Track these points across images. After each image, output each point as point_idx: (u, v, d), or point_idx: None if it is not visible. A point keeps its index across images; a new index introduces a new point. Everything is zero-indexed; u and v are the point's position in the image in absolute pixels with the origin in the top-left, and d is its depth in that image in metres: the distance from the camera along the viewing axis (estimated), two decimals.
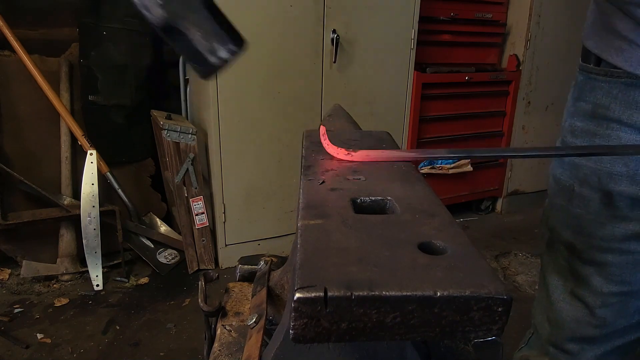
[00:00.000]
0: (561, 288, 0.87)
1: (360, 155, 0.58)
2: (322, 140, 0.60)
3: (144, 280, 2.32)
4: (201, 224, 2.34)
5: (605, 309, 0.81)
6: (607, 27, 0.71)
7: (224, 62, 0.50)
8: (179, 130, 2.20)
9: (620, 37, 0.68)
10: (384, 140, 0.72)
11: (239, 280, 0.84)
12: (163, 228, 2.55)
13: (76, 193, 2.26)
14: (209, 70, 0.49)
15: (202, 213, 2.33)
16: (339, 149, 0.58)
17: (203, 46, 0.47)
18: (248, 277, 0.83)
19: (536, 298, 0.97)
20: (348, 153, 0.58)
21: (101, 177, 2.24)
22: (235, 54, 0.49)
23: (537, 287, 0.98)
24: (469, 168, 2.98)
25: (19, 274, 2.22)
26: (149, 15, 0.44)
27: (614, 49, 0.70)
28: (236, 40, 0.49)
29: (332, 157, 0.60)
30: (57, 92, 2.21)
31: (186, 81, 2.65)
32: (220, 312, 0.74)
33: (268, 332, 0.62)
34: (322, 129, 0.61)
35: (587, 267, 0.81)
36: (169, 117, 2.27)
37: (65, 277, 2.26)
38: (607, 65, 0.72)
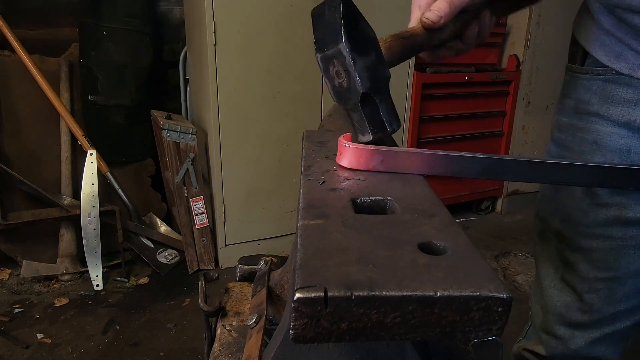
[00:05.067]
0: (552, 275, 0.90)
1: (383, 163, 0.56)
2: (342, 144, 0.56)
3: (144, 280, 2.32)
4: (201, 224, 2.34)
5: (593, 294, 0.84)
6: (593, 20, 0.75)
7: (390, 134, 0.60)
8: (179, 130, 2.20)
9: (604, 30, 0.73)
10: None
11: (239, 280, 0.84)
12: (163, 228, 2.55)
13: (76, 193, 2.26)
14: (381, 137, 0.59)
15: (202, 213, 2.33)
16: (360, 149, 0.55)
17: (386, 117, 0.58)
18: (248, 277, 0.83)
19: (533, 289, 1.00)
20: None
21: (101, 177, 2.24)
22: (395, 131, 0.60)
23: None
24: None
25: (19, 274, 2.22)
26: (359, 82, 0.55)
27: (598, 42, 0.74)
28: (398, 121, 0.60)
29: (334, 159, 0.59)
30: (57, 92, 2.21)
31: (186, 81, 2.65)
32: (220, 312, 0.74)
33: (268, 332, 0.62)
34: (344, 136, 0.57)
35: (575, 254, 0.84)
36: (169, 117, 2.27)
37: (65, 277, 2.26)
38: (590, 64, 0.77)
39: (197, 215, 2.32)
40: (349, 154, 0.56)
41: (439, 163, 0.56)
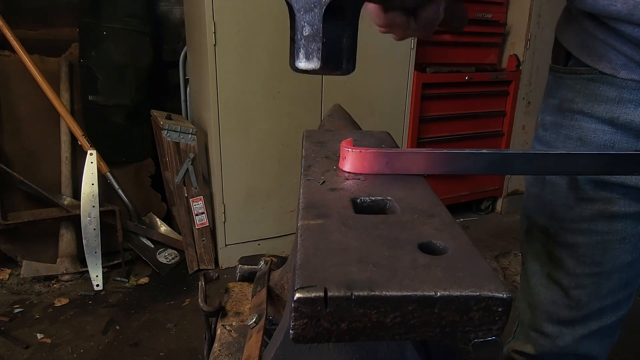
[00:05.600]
0: (539, 272, 0.91)
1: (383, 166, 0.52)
2: (344, 149, 0.53)
3: (144, 280, 2.32)
4: (201, 224, 2.34)
5: (579, 290, 0.85)
6: (576, 23, 0.77)
7: (341, 74, 0.49)
8: (179, 130, 2.20)
9: (586, 32, 0.74)
10: (384, 141, 0.73)
11: (239, 280, 0.84)
12: (163, 228, 2.55)
13: (76, 193, 2.26)
14: (328, 71, 0.47)
15: (202, 213, 2.33)
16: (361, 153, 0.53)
17: (345, 49, 0.46)
18: (248, 277, 0.83)
19: (519, 288, 1.00)
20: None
21: (101, 177, 2.24)
22: (348, 73, 0.49)
23: (519, 277, 1.01)
24: None
25: (19, 274, 2.22)
26: None
27: (580, 44, 0.76)
28: (354, 62, 0.49)
29: (334, 159, 0.59)
30: (57, 92, 2.21)
31: (186, 81, 2.65)
32: (220, 312, 0.74)
33: (268, 332, 0.62)
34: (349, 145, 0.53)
35: (561, 250, 0.85)
36: (169, 117, 2.27)
37: (65, 277, 2.26)
38: (574, 64, 0.78)
39: (197, 215, 2.32)
40: (353, 158, 0.54)
41: (445, 161, 0.55)
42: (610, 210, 0.78)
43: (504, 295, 0.31)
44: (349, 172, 0.55)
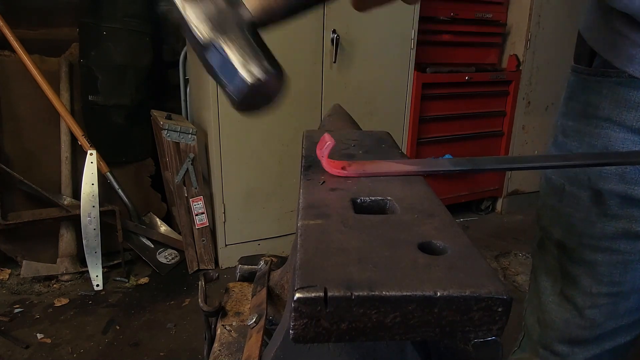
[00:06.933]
0: (550, 289, 0.86)
1: (355, 169, 0.53)
2: (319, 150, 0.54)
3: (144, 280, 2.32)
4: (201, 224, 2.34)
5: (594, 309, 0.80)
6: (604, 20, 0.71)
7: (258, 81, 0.46)
8: (179, 130, 2.20)
9: (615, 31, 0.69)
10: (384, 141, 0.73)
11: (239, 280, 0.84)
12: (163, 228, 2.55)
13: (76, 193, 2.26)
14: (240, 89, 0.45)
15: (202, 213, 2.33)
16: (335, 162, 0.54)
17: (236, 60, 0.45)
18: (248, 277, 0.83)
19: (527, 299, 0.96)
20: (343, 167, 0.53)
21: (101, 177, 2.24)
22: (270, 74, 0.46)
23: (528, 288, 0.97)
24: None
25: (19, 274, 2.22)
26: (196, 31, 0.44)
27: (608, 43, 0.70)
28: (272, 63, 0.47)
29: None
30: (57, 92, 2.21)
31: (186, 81, 2.65)
32: (220, 312, 0.74)
33: (268, 332, 0.62)
34: (327, 139, 0.53)
35: (577, 267, 0.80)
36: (169, 117, 2.27)
37: (65, 277, 2.26)
38: (599, 65, 0.72)
39: (197, 215, 2.32)
40: (329, 169, 0.54)
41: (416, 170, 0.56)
42: (635, 229, 0.73)
43: (504, 296, 0.31)
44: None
